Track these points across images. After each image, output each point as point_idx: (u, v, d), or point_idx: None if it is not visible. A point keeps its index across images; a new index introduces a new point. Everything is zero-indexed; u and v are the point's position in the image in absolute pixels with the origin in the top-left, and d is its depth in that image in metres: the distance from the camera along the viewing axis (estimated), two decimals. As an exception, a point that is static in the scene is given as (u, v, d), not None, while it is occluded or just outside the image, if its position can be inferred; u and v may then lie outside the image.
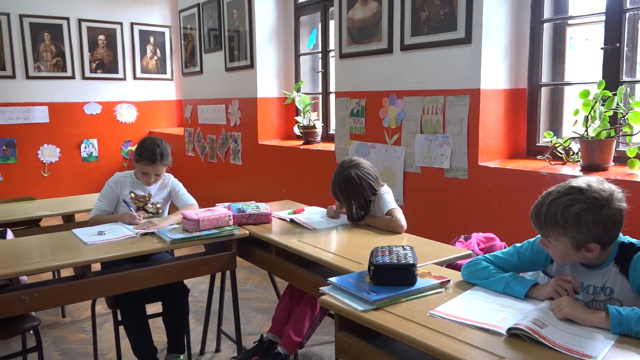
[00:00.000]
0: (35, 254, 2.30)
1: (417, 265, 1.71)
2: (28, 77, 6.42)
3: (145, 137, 2.92)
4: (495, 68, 3.02)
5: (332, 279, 1.75)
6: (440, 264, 2.00)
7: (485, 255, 1.78)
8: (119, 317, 2.60)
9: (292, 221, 2.69)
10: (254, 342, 2.59)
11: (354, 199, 2.56)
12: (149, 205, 2.88)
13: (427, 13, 3.20)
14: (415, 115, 3.37)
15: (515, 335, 1.35)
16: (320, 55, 4.72)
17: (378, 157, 3.66)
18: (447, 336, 1.38)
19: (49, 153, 6.68)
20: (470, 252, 2.17)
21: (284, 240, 2.38)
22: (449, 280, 1.73)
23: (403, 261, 1.70)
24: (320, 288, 1.74)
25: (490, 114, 3.04)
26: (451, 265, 2.07)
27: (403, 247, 1.85)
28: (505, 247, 2.08)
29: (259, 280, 4.06)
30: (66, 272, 2.97)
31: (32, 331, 2.37)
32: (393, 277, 1.67)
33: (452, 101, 3.13)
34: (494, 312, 1.50)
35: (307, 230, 2.55)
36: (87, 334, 3.19)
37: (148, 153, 2.76)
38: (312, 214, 2.82)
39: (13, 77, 6.33)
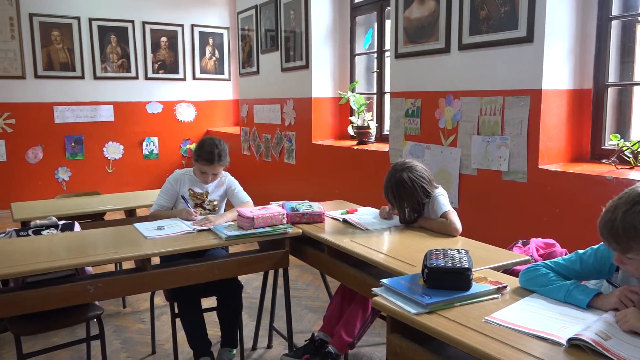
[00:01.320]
0: (100, 246, 2.42)
1: (473, 270, 1.68)
2: (95, 77, 6.75)
3: (205, 137, 2.99)
4: (558, 67, 2.91)
5: (385, 281, 1.74)
6: (496, 269, 1.94)
7: (545, 261, 1.72)
8: (176, 310, 2.68)
9: (344, 221, 2.69)
10: (305, 340, 2.61)
11: (406, 202, 2.52)
12: (207, 202, 2.96)
13: (487, 11, 3.12)
14: (473, 116, 3.29)
15: (576, 346, 1.29)
16: (375, 55, 4.70)
17: (433, 158, 3.61)
18: (503, 344, 1.34)
19: (113, 150, 7.00)
20: (529, 257, 2.10)
21: (337, 240, 2.38)
22: (505, 286, 1.68)
23: (458, 265, 1.66)
24: (373, 289, 1.74)
25: (552, 115, 2.93)
26: (508, 270, 2.01)
27: (458, 250, 1.81)
28: (566, 254, 2.00)
29: (311, 279, 4.09)
30: (127, 265, 3.10)
31: (95, 319, 2.48)
32: (447, 280, 1.64)
33: (511, 102, 3.04)
34: (553, 321, 1.45)
35: (359, 230, 2.54)
36: (146, 324, 3.31)
37: (207, 154, 2.83)
38: (365, 214, 2.81)
39: (82, 77, 6.68)
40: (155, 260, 2.46)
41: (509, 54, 3.04)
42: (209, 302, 2.87)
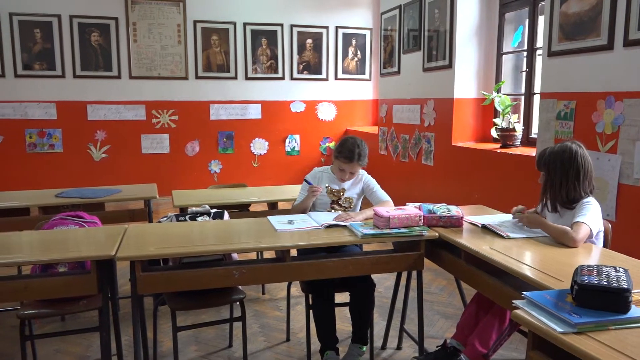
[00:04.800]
0: (244, 235, 2.60)
1: (632, 291, 1.51)
2: (247, 78, 7.27)
3: (348, 136, 3.07)
4: None
5: (528, 293, 1.63)
6: (661, 292, 1.73)
7: None
8: (310, 301, 2.79)
9: (484, 227, 2.58)
10: (437, 346, 2.55)
11: (556, 177, 2.34)
12: (343, 199, 3.03)
13: (662, 2, 2.78)
14: (637, 120, 2.95)
15: None
16: (525, 53, 4.43)
17: (587, 165, 3.30)
18: (667, 377, 1.19)
19: (259, 146, 7.47)
20: None
21: (475, 246, 2.29)
22: (672, 313, 1.49)
23: (615, 284, 1.51)
24: (514, 301, 1.64)
25: None
26: (676, 296, 1.77)
27: (615, 268, 1.64)
28: None
29: (444, 285, 3.99)
30: (267, 255, 3.29)
31: (238, 303, 2.67)
32: (601, 300, 1.49)
33: (688, 104, 2.67)
34: None
35: (499, 237, 2.41)
36: (282, 312, 3.48)
37: (347, 152, 2.90)
38: (506, 222, 2.66)
39: (235, 78, 7.23)
40: (293, 252, 2.57)
41: (688, 50, 2.67)
42: (341, 297, 2.94)
